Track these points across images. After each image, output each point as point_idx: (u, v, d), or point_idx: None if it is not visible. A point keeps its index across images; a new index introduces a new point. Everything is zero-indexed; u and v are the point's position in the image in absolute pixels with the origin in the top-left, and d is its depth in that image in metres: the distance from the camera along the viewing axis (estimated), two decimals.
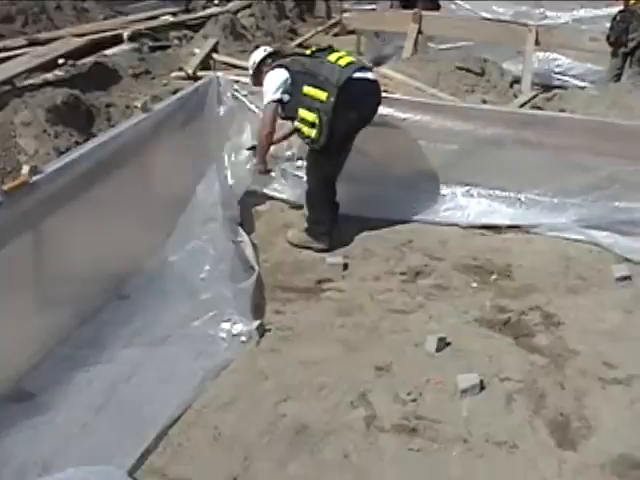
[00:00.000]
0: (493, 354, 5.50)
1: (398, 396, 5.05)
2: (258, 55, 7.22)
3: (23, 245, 5.05)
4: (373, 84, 6.99)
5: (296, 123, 6.82)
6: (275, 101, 6.77)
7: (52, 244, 5.27)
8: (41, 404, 4.87)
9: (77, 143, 7.93)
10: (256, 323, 5.67)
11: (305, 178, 7.17)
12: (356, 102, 6.70)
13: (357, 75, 6.74)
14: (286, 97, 6.75)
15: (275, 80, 6.77)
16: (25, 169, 5.17)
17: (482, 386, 5.10)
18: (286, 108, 6.81)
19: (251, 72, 7.24)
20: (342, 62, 6.77)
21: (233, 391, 5.10)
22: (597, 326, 5.92)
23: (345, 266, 6.74)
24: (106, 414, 4.85)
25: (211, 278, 6.05)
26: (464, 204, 7.48)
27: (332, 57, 6.83)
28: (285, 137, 7.53)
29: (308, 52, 7.03)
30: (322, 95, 6.62)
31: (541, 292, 6.38)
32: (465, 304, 6.18)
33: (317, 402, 5.00)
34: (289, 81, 6.76)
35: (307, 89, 6.69)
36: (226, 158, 7.60)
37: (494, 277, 6.59)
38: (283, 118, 6.97)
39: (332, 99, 6.58)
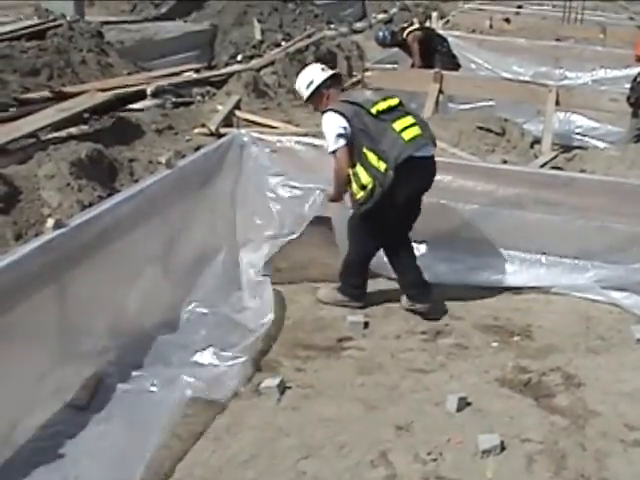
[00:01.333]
0: (514, 414, 5.47)
1: (418, 455, 5.02)
2: (318, 76, 6.89)
3: (46, 299, 5.09)
4: (429, 160, 6.72)
5: (350, 171, 6.61)
6: (341, 147, 6.53)
7: (74, 299, 5.31)
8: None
9: (100, 197, 8.00)
10: (277, 380, 5.68)
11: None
12: (409, 183, 6.50)
13: (417, 154, 6.49)
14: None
15: (336, 127, 6.51)
16: (50, 222, 5.23)
17: (503, 447, 5.06)
18: None
19: (308, 92, 6.92)
20: (406, 135, 6.48)
21: (253, 448, 5.08)
22: (618, 387, 5.89)
23: (366, 324, 6.72)
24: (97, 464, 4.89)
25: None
26: (485, 264, 7.46)
27: (397, 125, 6.50)
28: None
29: (374, 110, 6.54)
30: (381, 166, 6.39)
31: (562, 352, 6.36)
32: (486, 364, 6.17)
33: (337, 460, 4.98)
34: (348, 131, 6.50)
35: (366, 151, 6.46)
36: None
37: (516, 338, 6.58)
38: None
39: (391, 173, 6.36)
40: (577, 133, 13.67)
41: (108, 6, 19.90)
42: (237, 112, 11.85)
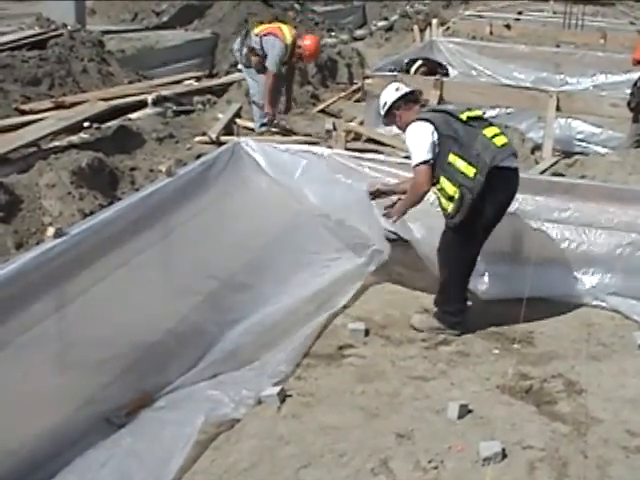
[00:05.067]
0: (515, 422, 5.45)
1: (419, 463, 5.00)
2: (390, 96, 6.80)
3: (47, 308, 5.08)
4: (514, 171, 6.60)
5: (434, 189, 6.50)
6: (427, 162, 6.34)
7: (75, 308, 5.30)
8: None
9: (101, 206, 8.02)
10: (277, 388, 5.67)
11: (437, 262, 6.83)
12: (503, 189, 6.44)
13: (507, 163, 6.42)
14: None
15: (424, 138, 6.38)
16: (50, 231, 5.23)
17: (504, 454, 5.04)
18: None
19: (382, 113, 6.86)
20: (498, 141, 6.41)
21: (253, 456, 5.07)
22: (619, 393, 5.88)
23: (366, 332, 6.70)
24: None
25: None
26: (484, 271, 7.41)
27: (488, 132, 6.43)
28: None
29: (463, 116, 6.47)
30: (470, 171, 6.22)
31: (563, 359, 6.35)
32: (487, 371, 6.15)
33: (338, 469, 4.96)
34: (436, 141, 6.36)
35: (453, 158, 6.29)
36: None
37: (517, 345, 6.55)
38: None
39: (481, 178, 6.19)
40: (578, 139, 13.67)
41: (109, 15, 19.96)
42: (237, 120, 11.88)
